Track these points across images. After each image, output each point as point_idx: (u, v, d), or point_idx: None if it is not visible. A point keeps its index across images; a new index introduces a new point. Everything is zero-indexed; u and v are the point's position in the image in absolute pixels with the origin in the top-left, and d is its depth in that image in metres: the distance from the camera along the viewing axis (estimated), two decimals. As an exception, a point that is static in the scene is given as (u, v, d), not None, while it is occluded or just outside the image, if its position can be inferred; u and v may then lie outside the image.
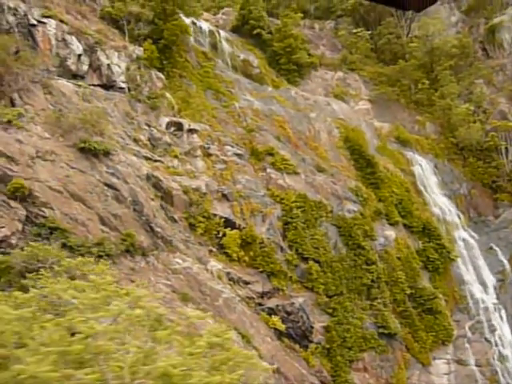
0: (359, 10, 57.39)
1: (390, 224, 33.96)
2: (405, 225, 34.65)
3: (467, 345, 30.26)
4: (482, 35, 52.53)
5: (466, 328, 31.29)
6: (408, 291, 31.29)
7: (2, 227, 18.12)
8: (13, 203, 19.00)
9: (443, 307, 31.76)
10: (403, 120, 47.67)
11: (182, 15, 36.48)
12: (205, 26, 44.75)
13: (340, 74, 51.17)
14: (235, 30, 50.62)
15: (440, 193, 39.84)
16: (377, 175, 35.67)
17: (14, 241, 18.25)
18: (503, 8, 52.94)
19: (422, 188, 38.57)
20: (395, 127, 44.44)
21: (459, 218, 38.77)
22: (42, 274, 15.00)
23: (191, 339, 8.52)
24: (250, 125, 33.43)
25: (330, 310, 27.73)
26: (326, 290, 28.14)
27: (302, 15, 54.65)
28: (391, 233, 33.39)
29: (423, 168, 40.45)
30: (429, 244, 34.18)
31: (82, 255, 19.05)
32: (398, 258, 32.41)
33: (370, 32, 53.40)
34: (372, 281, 29.96)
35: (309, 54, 49.86)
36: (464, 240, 36.98)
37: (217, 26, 49.38)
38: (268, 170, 31.22)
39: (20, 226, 18.77)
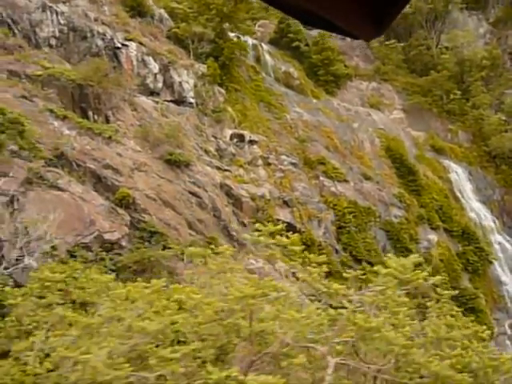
0: (390, 22, 59.65)
1: (432, 228, 36.23)
2: (445, 229, 36.88)
3: (508, 342, 32.39)
4: (511, 46, 54.57)
5: (506, 326, 33.43)
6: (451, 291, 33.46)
7: (114, 231, 20.72)
8: (119, 210, 21.59)
9: (484, 306, 33.91)
10: (436, 129, 49.85)
11: (230, 33, 39.10)
12: (249, 40, 47.33)
13: (374, 84, 53.47)
14: (273, 42, 53.00)
15: (475, 199, 41.99)
16: (418, 182, 37.95)
17: (123, 243, 20.84)
18: (531, 20, 54.91)
19: (458, 194, 40.77)
20: (430, 136, 46.66)
21: (494, 222, 40.89)
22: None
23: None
24: (302, 135, 35.89)
25: (383, 308, 30.03)
26: (378, 290, 30.44)
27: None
28: (433, 236, 35.67)
29: (459, 175, 42.64)
30: (468, 247, 36.36)
31: (177, 256, 21.68)
32: (441, 260, 34.64)
33: (402, 44, 55.63)
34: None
35: (345, 66, 52.27)
36: (500, 243, 39.10)
37: (255, 39, 51.92)
38: (321, 178, 33.64)
39: (127, 230, 21.36)
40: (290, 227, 29.70)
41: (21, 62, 23.88)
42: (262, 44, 48.80)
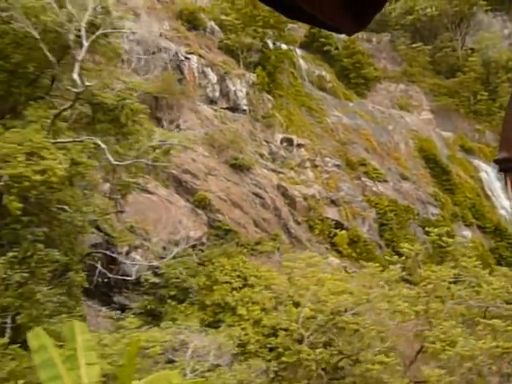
0: (416, 24, 61.62)
1: (466, 225, 38.43)
2: (478, 226, 39.07)
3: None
4: (535, 48, 56.26)
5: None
6: (486, 284, 35.70)
7: (197, 230, 23.23)
8: (198, 211, 24.11)
9: (517, 298, 36.07)
10: (463, 129, 51.83)
11: (269, 40, 41.40)
12: (284, 45, 49.59)
13: (402, 86, 55.53)
14: (304, 46, 55.19)
15: (504, 197, 44.03)
16: (451, 182, 40.15)
17: (204, 240, 23.36)
18: (555, 21, 56.54)
19: (489, 193, 42.86)
20: (459, 136, 48.69)
21: (523, 219, 42.92)
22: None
23: None
24: (343, 138, 38.19)
25: (424, 300, 32.37)
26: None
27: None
28: (467, 233, 37.87)
29: (488, 174, 44.67)
30: (501, 243, 38.53)
31: (248, 251, 24.18)
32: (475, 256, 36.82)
33: (428, 47, 57.56)
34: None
35: (374, 68, 54.39)
36: (529, 240, 41.12)
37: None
38: (362, 179, 35.95)
39: (206, 229, 23.88)
40: (338, 225, 32.14)
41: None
42: (296, 49, 51.09)
